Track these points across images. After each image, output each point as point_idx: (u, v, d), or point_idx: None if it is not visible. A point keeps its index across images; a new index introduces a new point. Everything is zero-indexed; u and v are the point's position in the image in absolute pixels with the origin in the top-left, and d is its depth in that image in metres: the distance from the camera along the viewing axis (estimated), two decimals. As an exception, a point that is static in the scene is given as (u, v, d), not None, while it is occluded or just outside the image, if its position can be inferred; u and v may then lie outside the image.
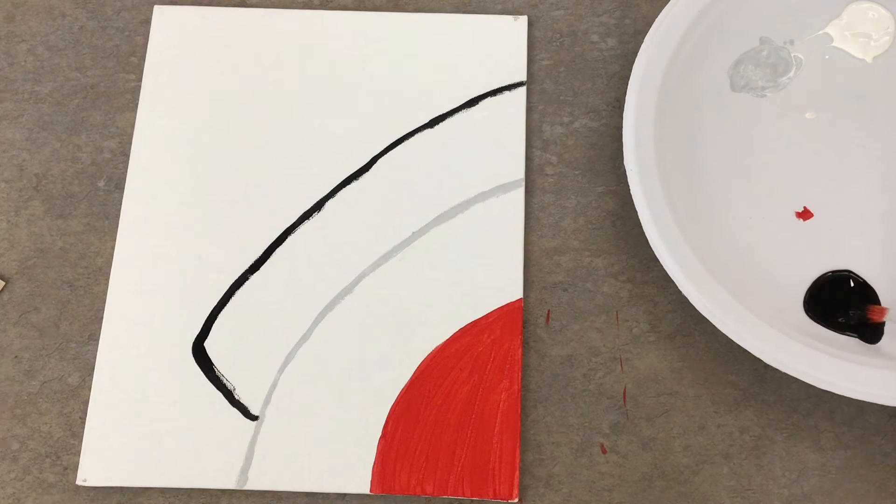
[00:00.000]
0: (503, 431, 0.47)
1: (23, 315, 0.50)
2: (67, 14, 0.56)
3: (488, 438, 0.47)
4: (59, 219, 0.52)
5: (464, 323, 0.49)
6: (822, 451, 0.47)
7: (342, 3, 0.56)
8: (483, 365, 0.48)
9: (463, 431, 0.47)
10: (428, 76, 0.54)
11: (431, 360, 0.48)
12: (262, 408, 0.48)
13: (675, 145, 0.50)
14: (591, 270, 0.51)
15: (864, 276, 0.49)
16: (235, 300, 0.50)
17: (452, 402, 0.48)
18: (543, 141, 0.53)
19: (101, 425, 0.48)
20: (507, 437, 0.47)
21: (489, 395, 0.48)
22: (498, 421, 0.47)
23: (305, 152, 0.53)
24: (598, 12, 0.56)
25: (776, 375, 0.48)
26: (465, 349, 0.49)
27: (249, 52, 0.55)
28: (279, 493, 0.47)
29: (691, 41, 0.51)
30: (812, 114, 0.52)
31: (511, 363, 0.48)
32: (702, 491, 0.47)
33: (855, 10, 0.53)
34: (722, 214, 0.50)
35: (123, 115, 0.54)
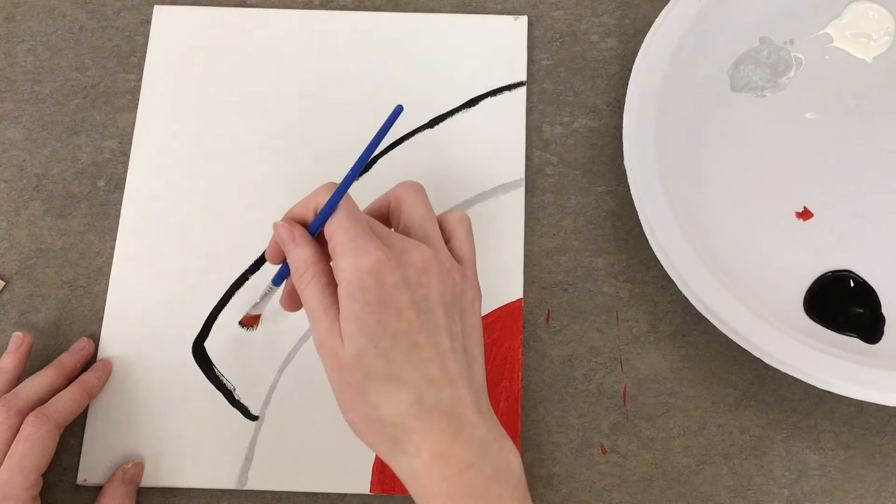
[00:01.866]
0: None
1: (23, 315, 0.50)
2: (67, 14, 0.56)
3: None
4: (59, 219, 0.52)
5: (464, 323, 0.49)
6: (822, 451, 0.47)
7: (342, 3, 0.56)
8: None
9: (463, 431, 0.47)
10: (428, 76, 0.54)
11: (431, 360, 0.48)
12: (262, 408, 0.48)
13: (675, 145, 0.50)
14: (591, 270, 0.51)
15: (864, 276, 0.49)
16: (235, 300, 0.50)
17: (452, 402, 0.48)
18: (543, 141, 0.53)
19: (102, 425, 0.48)
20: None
21: (489, 394, 0.48)
22: (499, 421, 0.47)
23: (305, 152, 0.53)
24: (598, 12, 0.56)
25: (776, 375, 0.48)
26: (465, 349, 0.49)
27: (249, 52, 0.55)
28: (279, 493, 0.47)
29: (691, 41, 0.51)
30: (812, 114, 0.52)
31: (511, 363, 0.48)
32: (702, 491, 0.47)
33: (855, 10, 0.53)
34: (722, 214, 0.50)
35: (123, 115, 0.54)
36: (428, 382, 0.36)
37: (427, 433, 0.36)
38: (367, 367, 0.36)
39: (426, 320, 0.37)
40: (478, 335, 0.40)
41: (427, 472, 0.36)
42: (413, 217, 0.40)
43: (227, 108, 0.54)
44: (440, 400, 0.37)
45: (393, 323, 0.36)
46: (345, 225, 0.37)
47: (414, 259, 0.38)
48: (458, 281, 0.39)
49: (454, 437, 0.36)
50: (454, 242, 0.41)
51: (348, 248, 0.37)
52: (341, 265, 0.37)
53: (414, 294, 0.37)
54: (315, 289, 0.38)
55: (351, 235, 0.37)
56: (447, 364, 0.37)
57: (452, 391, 0.37)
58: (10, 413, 0.43)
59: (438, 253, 0.39)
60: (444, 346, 0.37)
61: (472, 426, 0.37)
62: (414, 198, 0.41)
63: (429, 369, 0.37)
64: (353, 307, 0.36)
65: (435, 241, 0.40)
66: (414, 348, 0.36)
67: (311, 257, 0.39)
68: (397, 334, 0.36)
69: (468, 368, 0.38)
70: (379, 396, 0.37)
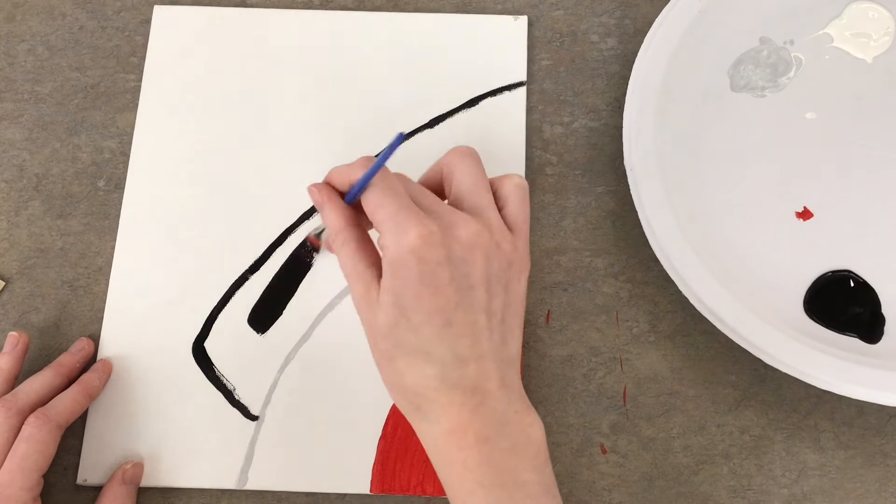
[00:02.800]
0: (503, 431, 0.47)
1: (23, 315, 0.50)
2: (67, 14, 0.56)
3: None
4: (59, 219, 0.52)
5: (464, 323, 0.49)
6: (822, 451, 0.47)
7: (342, 3, 0.56)
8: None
9: (463, 431, 0.47)
10: (428, 76, 0.54)
11: (431, 360, 0.48)
12: (262, 408, 0.48)
13: (675, 145, 0.50)
14: (591, 270, 0.51)
15: (864, 276, 0.49)
16: (235, 300, 0.50)
17: (452, 402, 0.48)
18: (543, 141, 0.53)
19: (101, 425, 0.48)
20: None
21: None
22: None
23: (305, 152, 0.53)
24: (598, 12, 0.56)
25: (776, 375, 0.48)
26: (465, 349, 0.49)
27: (249, 52, 0.55)
28: (279, 493, 0.47)
29: (691, 41, 0.51)
30: (812, 114, 0.52)
31: (511, 363, 0.48)
32: (702, 491, 0.47)
33: (855, 10, 0.53)
34: (722, 214, 0.50)
35: (123, 115, 0.54)
36: (455, 359, 0.36)
37: (447, 405, 0.37)
38: (397, 338, 0.37)
39: (465, 297, 0.37)
40: (518, 305, 0.39)
41: (445, 441, 0.37)
42: (463, 186, 0.39)
43: (227, 107, 0.54)
44: (464, 376, 0.37)
45: (429, 299, 0.36)
46: (384, 202, 0.37)
47: (460, 234, 0.37)
48: (508, 252, 0.38)
49: (473, 410, 0.36)
50: (508, 209, 0.40)
51: (389, 225, 0.37)
52: (385, 242, 0.37)
53: (456, 271, 0.37)
54: (347, 253, 0.39)
55: (392, 212, 0.37)
56: (479, 341, 0.37)
57: (479, 367, 0.37)
58: (11, 414, 0.43)
59: (489, 225, 0.38)
60: (480, 323, 0.37)
61: (495, 399, 0.37)
62: (464, 164, 0.40)
63: (459, 346, 0.37)
64: (393, 282, 0.37)
65: (486, 211, 0.39)
66: (447, 325, 0.36)
67: (340, 222, 0.39)
68: (432, 311, 0.36)
69: (502, 342, 0.38)
70: (405, 366, 0.37)
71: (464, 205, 0.39)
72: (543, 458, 0.38)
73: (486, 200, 0.39)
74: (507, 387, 0.38)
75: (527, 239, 0.40)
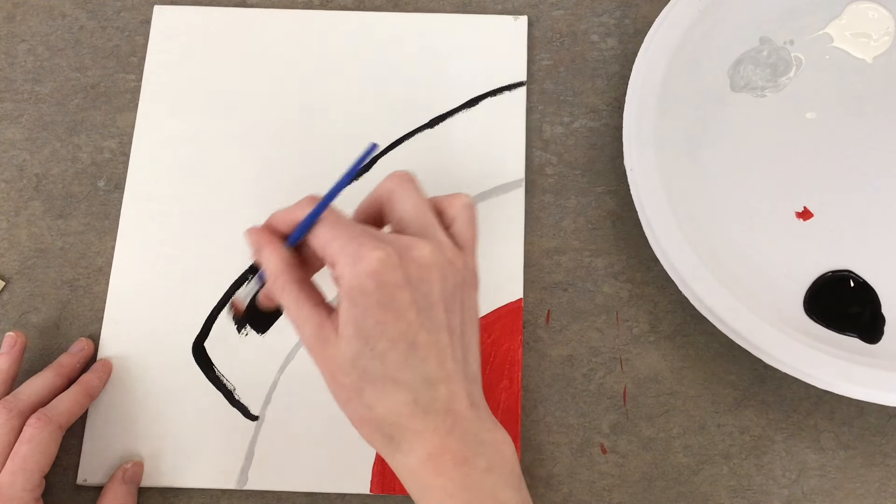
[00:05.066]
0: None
1: (23, 315, 0.50)
2: (67, 14, 0.56)
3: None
4: (59, 219, 0.52)
5: (464, 323, 0.49)
6: (822, 451, 0.47)
7: (342, 3, 0.56)
8: (483, 365, 0.48)
9: (463, 431, 0.47)
10: (428, 76, 0.54)
11: (431, 360, 0.48)
12: (262, 408, 0.48)
13: (675, 145, 0.50)
14: (591, 270, 0.51)
15: (864, 276, 0.49)
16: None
17: (452, 402, 0.48)
18: (543, 141, 0.53)
19: (102, 425, 0.48)
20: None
21: (489, 394, 0.48)
22: (498, 421, 0.47)
23: (305, 152, 0.53)
24: (598, 12, 0.56)
25: (776, 375, 0.48)
26: (465, 349, 0.49)
27: (249, 52, 0.55)
28: (279, 493, 0.47)
29: (691, 41, 0.51)
30: (812, 114, 0.52)
31: (511, 363, 0.48)
32: (702, 491, 0.47)
33: (855, 10, 0.53)
34: (722, 214, 0.50)
35: (123, 115, 0.54)
36: (424, 382, 0.36)
37: (421, 431, 0.36)
38: (363, 369, 0.36)
39: (426, 318, 0.36)
40: (474, 323, 0.39)
41: (422, 468, 0.36)
42: (406, 209, 0.39)
43: (227, 107, 0.54)
44: (435, 399, 0.36)
45: (392, 324, 0.36)
46: (335, 234, 0.37)
47: (416, 255, 0.36)
48: (460, 269, 0.38)
49: (448, 433, 0.36)
50: (455, 228, 0.39)
51: (344, 254, 0.36)
52: (339, 272, 0.36)
53: (415, 292, 0.36)
54: (291, 296, 0.38)
55: (344, 241, 0.36)
56: (445, 361, 0.37)
57: (448, 388, 0.36)
58: (12, 415, 0.43)
59: (440, 245, 0.37)
60: (443, 342, 0.37)
61: (466, 420, 0.37)
62: (404, 189, 0.39)
63: (426, 369, 0.36)
64: (353, 311, 0.36)
65: (434, 232, 0.38)
66: (412, 348, 0.36)
67: (280, 265, 0.38)
68: (395, 336, 0.36)
69: (464, 360, 0.38)
70: (374, 396, 0.36)
71: (410, 229, 0.38)
72: (518, 474, 0.38)
73: (431, 221, 0.38)
74: (476, 405, 0.37)
75: (475, 255, 0.40)
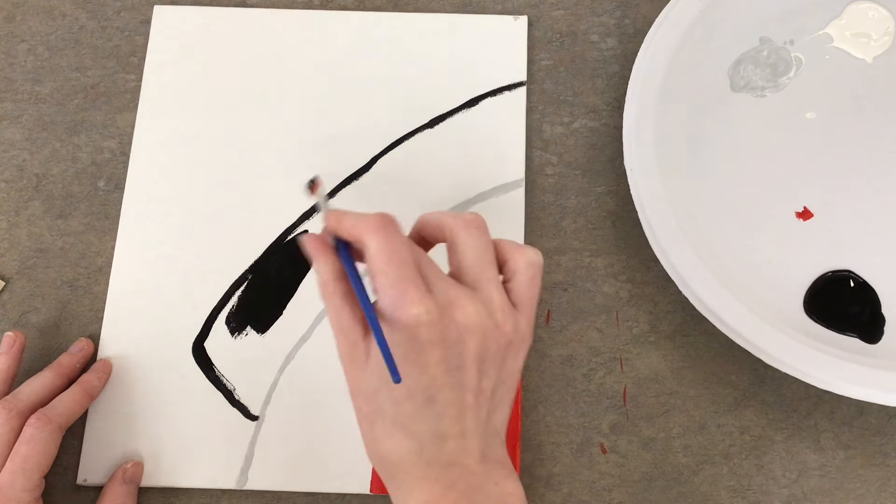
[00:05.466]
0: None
1: (23, 315, 0.50)
2: (67, 14, 0.56)
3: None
4: (59, 219, 0.52)
5: (464, 323, 0.49)
6: (822, 451, 0.47)
7: (342, 3, 0.56)
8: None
9: (463, 431, 0.47)
10: (428, 76, 0.54)
11: (431, 360, 0.48)
12: (262, 408, 0.48)
13: (675, 145, 0.50)
14: (591, 270, 0.51)
15: (864, 276, 0.49)
16: (235, 300, 0.50)
17: (452, 402, 0.48)
18: (543, 141, 0.53)
19: (102, 425, 0.48)
20: (507, 437, 0.47)
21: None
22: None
23: (305, 152, 0.53)
24: (598, 12, 0.56)
25: (776, 375, 0.48)
26: (465, 349, 0.49)
27: (249, 52, 0.55)
28: (279, 493, 0.47)
29: (691, 41, 0.51)
30: (812, 114, 0.52)
31: (511, 363, 0.48)
32: (702, 491, 0.47)
33: (855, 10, 0.53)
34: (722, 214, 0.50)
35: (123, 115, 0.54)
36: (434, 436, 0.35)
37: (421, 479, 0.35)
38: (378, 405, 0.36)
39: (453, 377, 0.35)
40: (512, 381, 0.38)
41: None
42: (466, 258, 0.37)
43: (227, 107, 0.54)
44: (441, 452, 0.35)
45: (414, 376, 0.35)
46: (385, 269, 0.36)
47: (457, 315, 0.35)
48: (508, 332, 0.36)
49: (448, 486, 0.35)
50: (514, 285, 0.38)
51: (389, 293, 0.35)
52: (379, 308, 0.36)
53: (448, 351, 0.35)
54: (334, 307, 0.37)
55: (392, 281, 0.35)
56: (463, 419, 0.36)
57: (458, 443, 0.36)
58: (12, 415, 0.43)
59: (489, 303, 0.36)
60: (467, 402, 0.36)
61: (472, 474, 0.36)
62: (469, 236, 0.37)
63: (440, 424, 0.35)
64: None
65: (488, 287, 0.37)
66: (429, 403, 0.35)
67: (329, 275, 0.38)
68: (414, 388, 0.35)
69: (488, 416, 0.37)
70: (383, 434, 0.36)
71: (465, 278, 0.37)
72: None
73: (489, 275, 0.37)
74: (488, 459, 0.36)
75: (531, 316, 0.38)
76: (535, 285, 0.38)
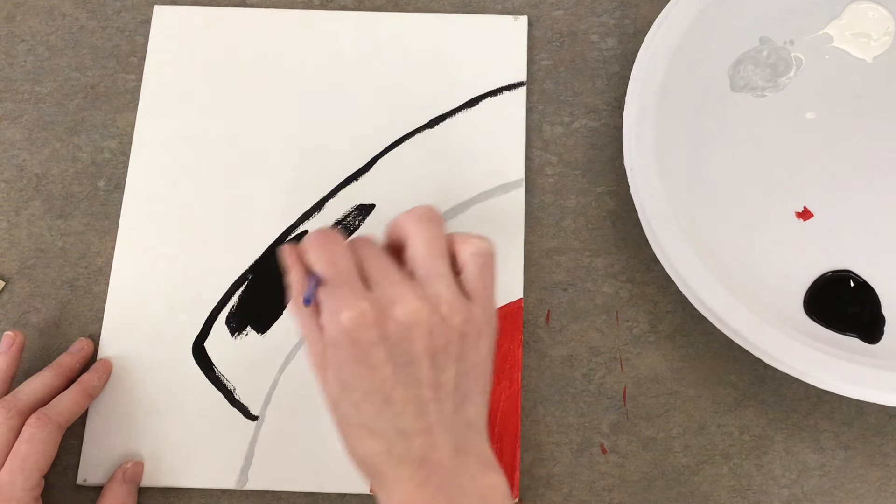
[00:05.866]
0: (503, 431, 0.47)
1: (23, 315, 0.50)
2: (67, 14, 0.56)
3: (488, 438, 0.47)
4: (59, 219, 0.52)
5: (464, 323, 0.49)
6: (822, 451, 0.47)
7: (342, 3, 0.56)
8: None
9: (463, 431, 0.47)
10: (428, 76, 0.54)
11: (431, 360, 0.48)
12: (262, 408, 0.48)
13: (675, 145, 0.50)
14: (591, 270, 0.51)
15: (864, 276, 0.49)
16: (235, 300, 0.50)
17: (452, 402, 0.48)
18: (543, 141, 0.53)
19: (102, 425, 0.48)
20: (507, 437, 0.47)
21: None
22: (498, 421, 0.47)
23: (305, 152, 0.53)
24: (598, 12, 0.56)
25: (776, 375, 0.48)
26: (465, 349, 0.49)
27: (249, 52, 0.55)
28: (279, 493, 0.47)
29: (691, 41, 0.51)
30: (812, 114, 0.52)
31: (511, 363, 0.48)
32: (702, 491, 0.47)
33: (855, 10, 0.53)
34: (722, 214, 0.50)
35: (123, 115, 0.54)
36: (398, 434, 0.36)
37: (395, 479, 0.36)
38: (342, 413, 0.37)
39: (404, 374, 0.36)
40: (477, 372, 0.38)
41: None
42: (416, 253, 0.38)
43: (226, 107, 0.54)
44: (409, 450, 0.36)
45: (366, 379, 0.36)
46: (325, 279, 0.37)
47: (396, 312, 0.36)
48: (458, 325, 0.37)
49: (423, 482, 0.36)
50: (465, 276, 0.38)
51: (326, 305, 0.36)
52: (322, 321, 0.37)
53: (393, 349, 0.36)
54: (304, 315, 0.38)
55: (330, 290, 0.37)
56: (425, 414, 0.36)
57: (426, 440, 0.36)
58: (11, 414, 0.43)
59: (434, 298, 0.36)
60: (425, 397, 0.36)
61: (445, 470, 0.36)
62: (418, 230, 0.38)
63: (401, 422, 0.36)
64: (333, 358, 0.36)
65: (434, 283, 0.37)
66: (386, 403, 0.36)
67: (300, 286, 0.38)
68: (369, 390, 0.36)
69: (454, 410, 0.37)
70: (354, 439, 0.37)
71: (416, 273, 0.38)
72: None
73: (438, 268, 0.37)
74: (462, 453, 0.37)
75: (488, 305, 0.38)
76: (486, 274, 0.38)
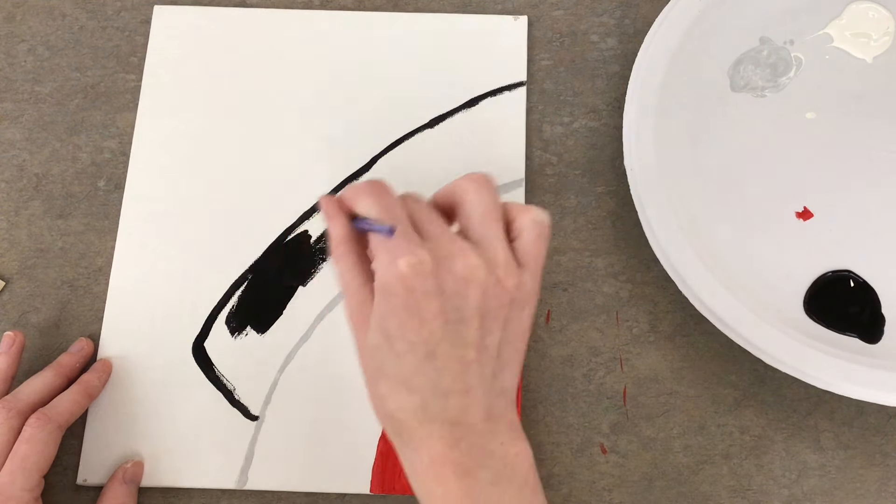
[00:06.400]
0: (503, 431, 0.47)
1: (23, 315, 0.50)
2: (67, 14, 0.56)
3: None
4: (59, 219, 0.52)
5: (464, 323, 0.49)
6: (822, 451, 0.47)
7: (342, 3, 0.56)
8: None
9: (463, 431, 0.47)
10: (428, 76, 0.54)
11: (431, 360, 0.48)
12: (262, 408, 0.48)
13: (675, 145, 0.50)
14: (591, 270, 0.51)
15: (864, 276, 0.49)
16: (235, 300, 0.50)
17: (452, 402, 0.48)
18: (543, 141, 0.53)
19: (102, 425, 0.48)
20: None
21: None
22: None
23: (305, 152, 0.53)
24: (598, 12, 0.56)
25: (776, 375, 0.48)
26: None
27: (249, 52, 0.55)
28: (279, 493, 0.47)
29: (691, 41, 0.51)
30: (812, 114, 0.52)
31: (511, 363, 0.48)
32: (702, 491, 0.47)
33: (855, 10, 0.53)
34: (722, 214, 0.50)
35: (123, 115, 0.54)
36: (436, 391, 0.35)
37: (426, 437, 0.36)
38: (381, 362, 0.36)
39: (453, 331, 0.35)
40: (518, 341, 0.37)
41: (425, 472, 0.36)
42: (473, 215, 0.38)
43: (227, 107, 0.54)
44: (445, 409, 0.36)
45: (413, 329, 0.35)
46: (381, 221, 0.36)
47: (455, 267, 0.35)
48: (510, 289, 0.36)
49: (453, 444, 0.35)
50: (520, 243, 0.37)
51: (380, 250, 0.36)
52: (375, 266, 0.36)
53: (446, 303, 0.35)
54: (345, 266, 0.38)
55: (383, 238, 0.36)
56: (466, 375, 0.36)
57: (462, 400, 0.36)
58: (11, 414, 0.43)
59: (492, 259, 0.36)
60: (468, 357, 0.36)
61: (476, 433, 0.36)
62: (476, 192, 0.38)
63: (441, 379, 0.35)
64: (381, 306, 0.36)
65: (491, 245, 0.37)
66: (430, 357, 0.35)
67: (341, 234, 0.38)
68: (415, 341, 0.35)
69: (493, 375, 0.37)
70: (387, 391, 0.36)
71: (471, 234, 0.37)
72: (531, 487, 0.37)
73: (495, 232, 0.37)
74: (494, 419, 0.36)
75: (537, 275, 0.38)
76: (541, 244, 0.38)
